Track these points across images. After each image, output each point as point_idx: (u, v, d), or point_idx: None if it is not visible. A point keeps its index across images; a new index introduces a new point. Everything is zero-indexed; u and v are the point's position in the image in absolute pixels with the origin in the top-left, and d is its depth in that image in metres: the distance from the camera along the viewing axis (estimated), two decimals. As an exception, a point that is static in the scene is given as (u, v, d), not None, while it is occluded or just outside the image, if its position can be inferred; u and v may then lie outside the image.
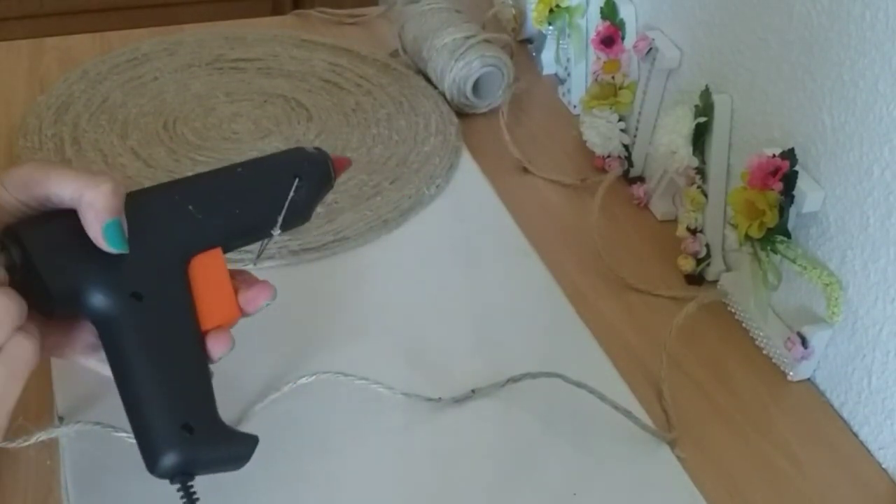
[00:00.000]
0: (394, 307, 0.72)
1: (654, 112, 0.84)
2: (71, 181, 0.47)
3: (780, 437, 0.65)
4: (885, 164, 0.60)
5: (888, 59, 0.59)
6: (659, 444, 0.63)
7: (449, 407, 0.64)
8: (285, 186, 0.54)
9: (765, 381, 0.69)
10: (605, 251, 0.77)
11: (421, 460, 0.61)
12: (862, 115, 0.62)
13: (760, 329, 0.70)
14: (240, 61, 0.98)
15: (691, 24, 0.79)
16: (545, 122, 0.95)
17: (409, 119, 0.91)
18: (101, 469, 0.58)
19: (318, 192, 0.57)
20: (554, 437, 0.63)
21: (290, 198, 0.53)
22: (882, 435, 0.64)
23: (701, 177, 0.76)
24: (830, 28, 0.63)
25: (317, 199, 0.57)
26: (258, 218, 0.54)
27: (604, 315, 0.73)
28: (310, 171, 0.56)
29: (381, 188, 0.82)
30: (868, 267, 0.63)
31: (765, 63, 0.70)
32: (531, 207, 0.83)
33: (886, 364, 0.62)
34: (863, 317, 0.64)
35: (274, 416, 0.62)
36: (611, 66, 0.87)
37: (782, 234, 0.66)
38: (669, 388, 0.67)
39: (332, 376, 0.63)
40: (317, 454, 0.61)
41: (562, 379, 0.64)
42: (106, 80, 0.93)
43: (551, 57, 1.00)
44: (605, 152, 0.87)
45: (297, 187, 0.54)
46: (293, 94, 0.94)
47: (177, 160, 0.83)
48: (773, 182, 0.66)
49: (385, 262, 0.76)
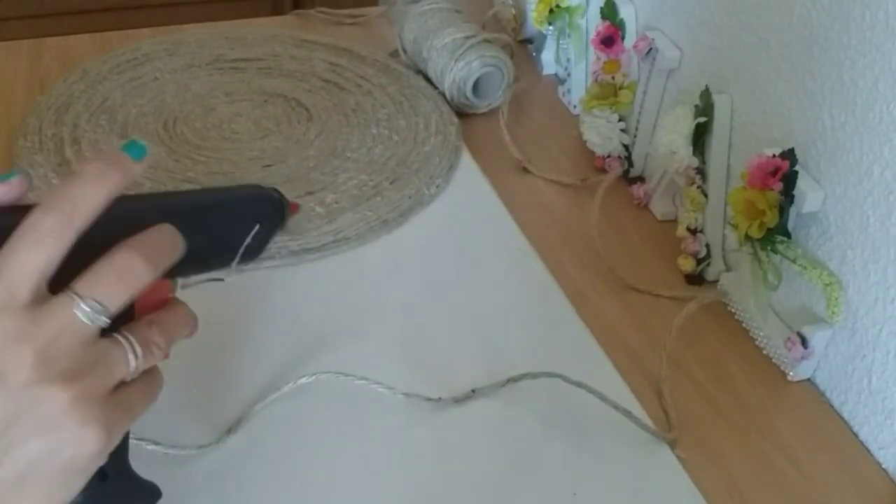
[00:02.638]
0: (394, 307, 0.72)
1: (654, 112, 0.84)
2: None
3: (780, 437, 0.65)
4: (885, 164, 0.60)
5: (888, 59, 0.59)
6: (659, 444, 0.63)
7: (449, 407, 0.64)
8: (245, 230, 0.53)
9: (765, 381, 0.69)
10: (605, 251, 0.77)
11: (421, 460, 0.61)
12: (862, 115, 0.62)
13: (760, 329, 0.70)
14: (240, 61, 0.98)
15: (691, 24, 0.79)
16: (545, 122, 0.95)
17: (409, 119, 0.91)
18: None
19: (272, 235, 0.56)
20: (554, 437, 0.63)
21: (246, 243, 0.52)
22: (882, 435, 0.64)
23: (701, 177, 0.76)
24: (830, 28, 0.63)
25: (269, 242, 0.56)
26: (213, 256, 0.52)
27: (604, 315, 0.73)
28: (270, 216, 0.55)
29: (381, 188, 0.82)
30: (868, 267, 0.63)
31: (765, 63, 0.70)
32: (531, 207, 0.83)
33: (886, 364, 0.62)
34: (863, 317, 0.64)
35: (274, 416, 0.63)
36: (611, 66, 0.87)
37: (782, 234, 0.66)
38: (669, 388, 0.67)
39: (333, 376, 0.63)
40: (317, 454, 0.61)
41: (562, 379, 0.64)
42: (106, 81, 0.93)
43: (551, 57, 1.00)
44: (605, 152, 0.87)
45: (255, 233, 0.53)
46: (293, 93, 0.94)
47: (177, 160, 0.83)
48: (773, 182, 0.66)
49: (385, 262, 0.76)
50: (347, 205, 0.80)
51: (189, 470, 0.59)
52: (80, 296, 0.41)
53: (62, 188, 0.41)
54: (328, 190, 0.82)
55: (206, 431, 0.61)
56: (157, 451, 0.58)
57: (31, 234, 0.40)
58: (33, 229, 0.40)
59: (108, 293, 0.41)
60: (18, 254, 0.40)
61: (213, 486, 0.58)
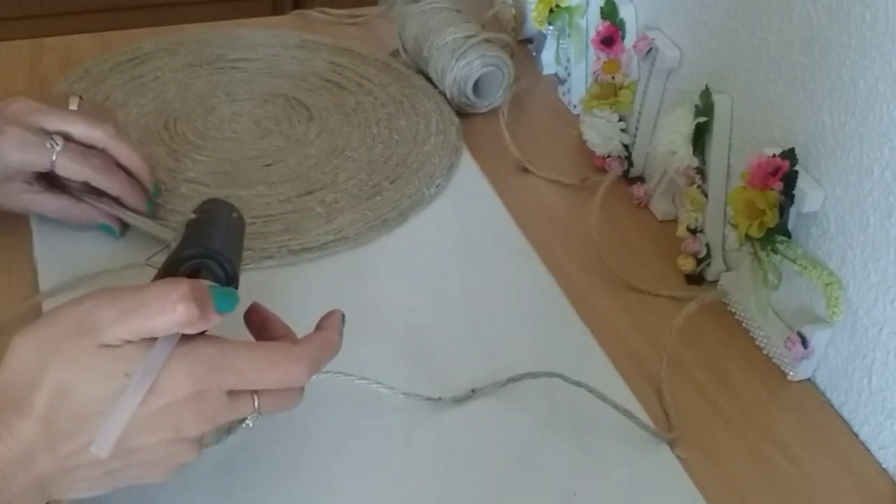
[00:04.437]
0: (394, 307, 0.72)
1: (654, 112, 0.84)
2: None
3: (780, 437, 0.65)
4: (885, 164, 0.60)
5: (888, 59, 0.59)
6: (659, 444, 0.63)
7: (449, 407, 0.64)
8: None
9: (765, 381, 0.69)
10: (605, 251, 0.77)
11: (421, 460, 0.61)
12: (862, 115, 0.62)
13: (760, 329, 0.70)
14: (240, 61, 0.98)
15: (691, 24, 0.79)
16: (545, 122, 0.95)
17: (409, 119, 0.91)
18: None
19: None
20: (554, 437, 0.63)
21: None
22: (882, 435, 0.64)
23: (701, 177, 0.76)
24: (830, 28, 0.63)
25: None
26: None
27: (604, 315, 0.73)
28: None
29: (381, 188, 0.82)
30: (868, 267, 0.63)
31: (765, 63, 0.70)
32: (531, 207, 0.83)
33: (886, 364, 0.62)
34: (863, 317, 0.64)
35: (273, 416, 0.62)
36: (611, 66, 0.87)
37: (782, 234, 0.66)
38: (669, 388, 0.67)
39: (332, 376, 0.63)
40: (316, 454, 0.61)
41: (562, 379, 0.64)
42: (107, 80, 0.93)
43: (551, 57, 1.00)
44: (605, 152, 0.87)
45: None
46: (294, 93, 0.94)
47: (177, 160, 0.83)
48: (773, 182, 0.66)
49: (385, 262, 0.76)
50: (347, 204, 0.80)
51: (188, 471, 0.58)
52: (258, 409, 0.51)
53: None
54: (328, 189, 0.82)
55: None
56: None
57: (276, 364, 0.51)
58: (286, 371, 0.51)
59: (274, 408, 0.52)
60: (264, 369, 0.50)
61: (213, 486, 0.58)
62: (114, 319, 0.46)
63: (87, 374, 0.46)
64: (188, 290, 0.47)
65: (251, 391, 0.50)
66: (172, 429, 0.48)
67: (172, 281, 0.48)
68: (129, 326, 0.46)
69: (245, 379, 0.49)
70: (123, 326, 0.46)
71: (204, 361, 0.48)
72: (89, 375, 0.46)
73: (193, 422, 0.48)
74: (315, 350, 0.52)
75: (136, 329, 0.46)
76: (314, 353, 0.52)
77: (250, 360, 0.50)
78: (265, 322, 0.55)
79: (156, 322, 0.46)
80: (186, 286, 0.47)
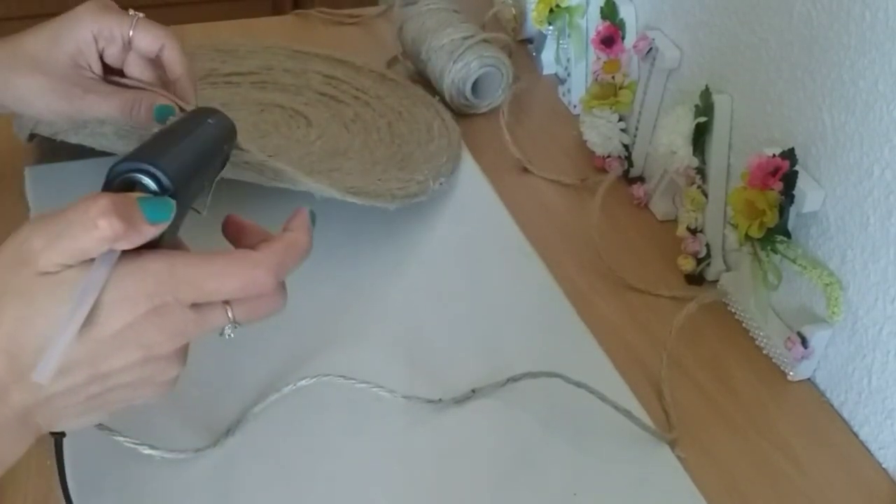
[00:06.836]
0: (394, 308, 0.72)
1: (654, 112, 0.84)
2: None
3: (780, 437, 0.65)
4: (885, 164, 0.60)
5: (888, 59, 0.59)
6: (659, 444, 0.63)
7: (449, 407, 0.64)
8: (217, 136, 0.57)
9: (765, 381, 0.69)
10: (605, 251, 0.77)
11: (422, 461, 0.61)
12: (862, 115, 0.62)
13: (760, 329, 0.70)
14: (233, 75, 0.95)
15: (691, 24, 0.79)
16: (545, 122, 0.95)
17: (409, 125, 0.90)
18: (101, 471, 0.58)
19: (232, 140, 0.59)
20: (554, 437, 0.63)
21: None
22: (882, 435, 0.64)
23: (701, 177, 0.76)
24: (830, 28, 0.63)
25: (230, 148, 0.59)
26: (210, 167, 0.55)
27: (604, 315, 0.73)
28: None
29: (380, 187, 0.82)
30: (868, 267, 0.63)
31: (765, 63, 0.70)
32: (531, 207, 0.83)
33: (886, 364, 0.62)
34: (863, 317, 0.64)
35: (274, 418, 0.63)
36: (611, 66, 0.87)
37: (782, 234, 0.66)
38: (669, 388, 0.67)
39: (333, 379, 0.63)
40: (316, 456, 0.61)
41: (562, 379, 0.64)
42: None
43: (551, 57, 1.00)
44: (605, 152, 0.87)
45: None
46: (290, 104, 0.92)
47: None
48: (773, 182, 0.66)
49: (385, 262, 0.76)
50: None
51: (188, 473, 0.59)
52: (233, 319, 0.49)
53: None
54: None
55: (205, 434, 0.61)
56: (155, 456, 0.58)
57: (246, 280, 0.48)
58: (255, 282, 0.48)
59: (252, 316, 0.49)
60: (221, 278, 0.47)
61: (212, 488, 0.58)
62: (45, 245, 0.45)
63: (36, 303, 0.45)
64: (108, 204, 0.44)
65: (222, 302, 0.48)
66: (140, 347, 0.46)
67: (92, 196, 0.45)
68: (59, 250, 0.45)
69: (204, 290, 0.47)
70: (54, 251, 0.45)
71: (153, 276, 0.46)
72: (39, 305, 0.45)
73: (160, 338, 0.47)
74: (278, 253, 0.49)
75: (68, 251, 0.45)
76: (277, 256, 0.49)
77: (205, 270, 0.47)
78: (241, 230, 0.52)
79: (83, 241, 0.44)
80: (106, 200, 0.44)
